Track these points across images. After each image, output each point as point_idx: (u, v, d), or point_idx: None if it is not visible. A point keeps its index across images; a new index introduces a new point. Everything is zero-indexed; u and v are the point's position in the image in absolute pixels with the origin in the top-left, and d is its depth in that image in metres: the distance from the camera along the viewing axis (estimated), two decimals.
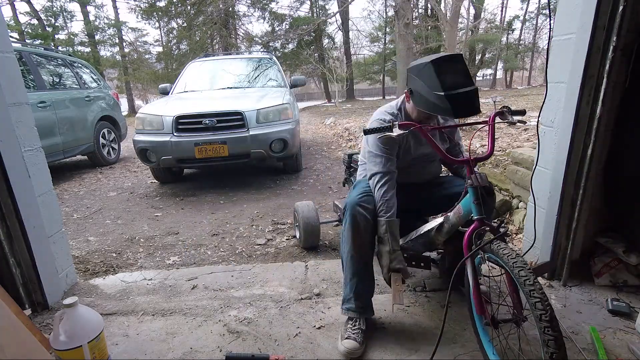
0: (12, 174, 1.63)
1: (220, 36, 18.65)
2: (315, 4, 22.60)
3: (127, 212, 3.46)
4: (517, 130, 4.28)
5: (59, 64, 5.24)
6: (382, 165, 1.52)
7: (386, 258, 1.43)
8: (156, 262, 2.38)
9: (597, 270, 1.80)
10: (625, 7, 1.44)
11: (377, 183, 1.50)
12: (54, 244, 1.88)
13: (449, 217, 1.41)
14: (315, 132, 8.79)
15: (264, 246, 2.57)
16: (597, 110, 1.57)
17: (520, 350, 1.32)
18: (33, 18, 19.94)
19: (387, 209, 1.46)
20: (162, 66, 21.77)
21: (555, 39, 1.70)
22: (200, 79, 5.11)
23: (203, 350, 1.48)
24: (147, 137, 3.75)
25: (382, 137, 1.46)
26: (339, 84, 19.21)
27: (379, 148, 1.54)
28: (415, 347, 1.45)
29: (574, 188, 1.71)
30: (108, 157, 5.77)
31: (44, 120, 4.34)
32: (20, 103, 1.72)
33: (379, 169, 1.52)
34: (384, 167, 1.52)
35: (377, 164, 1.53)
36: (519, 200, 2.60)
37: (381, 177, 1.50)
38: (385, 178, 1.50)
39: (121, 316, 1.74)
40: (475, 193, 1.24)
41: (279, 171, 4.71)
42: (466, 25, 21.16)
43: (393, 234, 1.44)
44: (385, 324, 1.60)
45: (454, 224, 1.40)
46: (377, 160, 1.53)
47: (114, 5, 22.57)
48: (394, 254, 1.42)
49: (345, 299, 1.54)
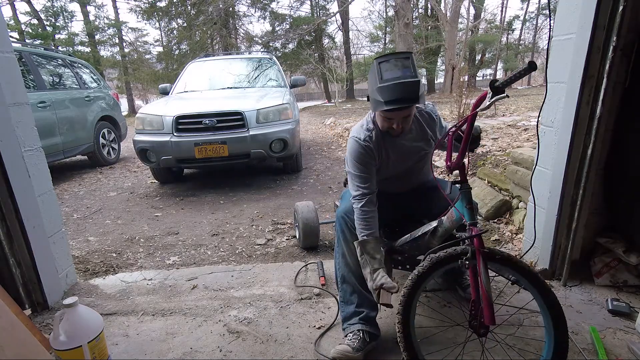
0: (12, 174, 1.63)
1: (220, 36, 18.66)
2: (315, 4, 22.59)
3: (127, 212, 3.46)
4: (517, 130, 4.28)
5: (59, 64, 5.23)
6: (360, 184, 1.49)
7: (369, 280, 1.39)
8: (156, 262, 2.38)
9: (597, 270, 1.80)
10: (625, 7, 1.44)
11: (356, 204, 1.48)
12: (54, 244, 1.88)
13: (443, 222, 1.40)
14: (315, 132, 8.78)
15: (264, 246, 2.57)
16: (597, 110, 1.57)
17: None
18: (33, 18, 19.94)
19: (362, 229, 1.44)
20: (162, 66, 21.76)
21: (555, 39, 1.70)
22: (200, 79, 5.12)
23: (203, 350, 1.48)
24: (147, 137, 3.75)
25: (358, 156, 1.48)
26: (339, 84, 19.23)
27: (356, 167, 1.51)
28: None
29: (574, 188, 1.71)
30: (108, 157, 5.77)
31: (44, 120, 4.34)
32: (20, 103, 1.72)
33: (358, 189, 1.49)
34: (362, 187, 1.48)
35: (357, 184, 1.50)
36: (519, 200, 2.60)
37: (361, 197, 1.47)
38: (365, 199, 1.46)
39: (121, 316, 1.74)
40: (467, 197, 1.24)
41: (279, 171, 4.71)
42: (466, 25, 21.19)
43: (369, 254, 1.40)
44: (385, 325, 1.59)
45: (448, 229, 1.38)
46: (355, 181, 1.51)
47: (114, 5, 22.59)
48: (375, 274, 1.37)
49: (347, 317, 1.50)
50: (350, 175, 1.54)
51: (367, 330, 1.44)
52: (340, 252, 1.57)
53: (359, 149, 1.48)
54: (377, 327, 1.49)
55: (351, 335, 1.42)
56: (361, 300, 1.49)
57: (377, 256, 1.40)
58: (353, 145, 1.51)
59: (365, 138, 1.49)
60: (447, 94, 14.03)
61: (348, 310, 1.50)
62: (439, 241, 1.45)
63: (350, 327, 1.46)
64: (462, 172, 1.27)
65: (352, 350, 1.36)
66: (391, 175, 1.62)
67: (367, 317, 1.47)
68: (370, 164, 1.51)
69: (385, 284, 1.32)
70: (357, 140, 1.49)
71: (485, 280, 1.13)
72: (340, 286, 1.57)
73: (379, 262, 1.40)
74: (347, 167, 1.56)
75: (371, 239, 1.43)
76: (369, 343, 1.42)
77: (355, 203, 1.48)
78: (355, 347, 1.38)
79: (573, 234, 1.75)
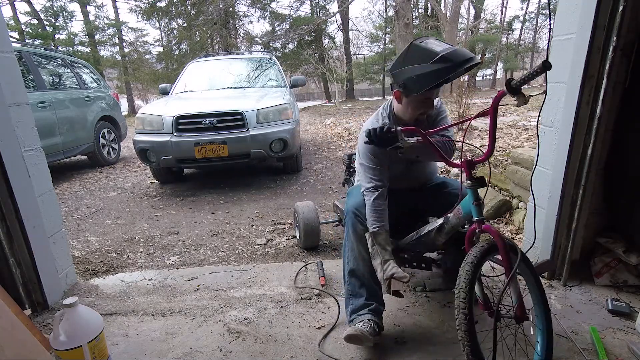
0: (12, 174, 1.63)
1: (220, 36, 18.66)
2: (315, 4, 22.59)
3: (127, 212, 3.46)
4: (517, 130, 4.28)
5: (59, 64, 5.24)
6: (373, 177, 1.51)
7: (380, 271, 1.41)
8: (156, 262, 2.38)
9: (597, 270, 1.80)
10: (625, 7, 1.43)
11: (368, 196, 1.49)
12: (54, 244, 1.88)
13: (449, 219, 1.41)
14: (315, 132, 8.78)
15: (264, 246, 2.57)
16: (597, 110, 1.57)
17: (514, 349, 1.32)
18: (33, 18, 19.95)
19: (374, 220, 1.46)
20: (162, 66, 21.78)
21: (555, 39, 1.70)
22: (200, 79, 5.12)
23: (203, 350, 1.48)
24: (147, 137, 3.75)
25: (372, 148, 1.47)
26: (339, 84, 19.24)
27: (369, 160, 1.52)
28: (415, 347, 1.45)
29: (574, 188, 1.71)
30: (108, 157, 5.78)
31: (44, 120, 4.34)
32: (20, 103, 1.72)
33: (371, 181, 1.51)
34: (375, 180, 1.50)
35: (369, 177, 1.52)
36: (519, 200, 2.61)
37: (374, 189, 1.49)
38: (378, 192, 1.48)
39: (121, 316, 1.74)
40: (474, 194, 1.24)
41: (279, 171, 4.71)
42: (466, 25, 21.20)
43: (381, 245, 1.43)
44: (385, 325, 1.59)
45: (455, 225, 1.39)
46: (368, 173, 1.52)
47: (114, 5, 22.60)
48: (386, 264, 1.40)
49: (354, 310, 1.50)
50: (363, 167, 1.55)
51: (376, 321, 1.45)
52: (349, 246, 1.57)
53: None
54: (382, 321, 1.50)
55: (362, 324, 1.41)
56: (370, 293, 1.50)
57: (388, 248, 1.43)
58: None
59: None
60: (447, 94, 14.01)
61: (357, 302, 1.50)
62: (444, 238, 1.47)
63: (359, 317, 1.46)
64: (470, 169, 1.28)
65: (367, 333, 1.37)
66: (402, 170, 1.64)
67: (376, 309, 1.48)
68: (384, 157, 1.52)
69: (397, 273, 1.35)
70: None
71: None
72: (349, 280, 1.56)
73: (390, 254, 1.42)
74: (360, 159, 1.57)
75: (383, 231, 1.45)
76: (377, 333, 1.42)
77: (368, 195, 1.49)
78: (368, 331, 1.38)
79: (573, 234, 1.75)
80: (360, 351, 1.44)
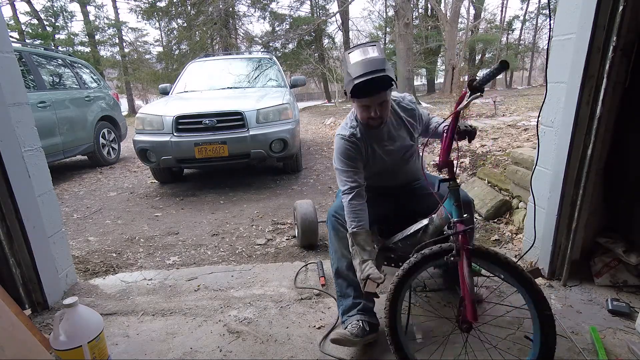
0: (12, 174, 1.63)
1: (220, 36, 18.64)
2: (315, 4, 22.59)
3: (127, 212, 3.46)
4: (517, 130, 4.28)
5: (59, 64, 5.23)
6: (347, 179, 1.53)
7: (358, 271, 1.42)
8: (156, 262, 2.38)
9: (597, 270, 1.80)
10: (625, 7, 1.44)
11: (345, 198, 1.51)
12: (54, 244, 1.88)
13: (433, 219, 1.41)
14: (315, 132, 8.78)
15: (264, 246, 2.57)
16: (597, 110, 1.57)
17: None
18: (33, 18, 19.93)
19: (352, 221, 1.48)
20: (162, 66, 21.75)
21: (555, 39, 1.70)
22: (200, 79, 5.11)
23: (203, 350, 1.49)
24: (147, 137, 3.75)
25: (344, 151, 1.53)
26: (339, 84, 19.20)
27: (343, 163, 1.55)
28: (415, 347, 1.45)
29: (574, 188, 1.71)
30: (108, 157, 5.77)
31: (44, 120, 4.34)
32: (20, 103, 1.72)
33: (345, 184, 1.53)
34: (349, 181, 1.52)
35: (344, 179, 1.54)
36: (519, 200, 2.61)
37: (349, 190, 1.51)
38: (353, 192, 1.50)
39: (121, 316, 1.74)
40: (455, 195, 1.24)
41: (279, 171, 4.71)
42: (466, 25, 21.20)
43: (360, 245, 1.44)
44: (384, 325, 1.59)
45: (438, 226, 1.40)
46: (343, 176, 1.55)
47: (114, 5, 22.57)
48: (364, 265, 1.41)
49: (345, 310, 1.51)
50: (338, 172, 1.58)
51: (366, 320, 1.45)
52: (333, 248, 1.60)
53: (344, 145, 1.54)
54: (375, 317, 1.51)
55: (350, 326, 1.43)
56: (358, 292, 1.51)
57: (367, 248, 1.44)
58: (338, 142, 1.57)
59: (349, 134, 1.56)
60: (447, 94, 14.03)
61: (346, 303, 1.51)
62: (430, 238, 1.46)
63: (349, 319, 1.48)
64: (451, 170, 1.28)
65: (350, 335, 1.38)
66: (380, 169, 1.66)
67: (365, 307, 1.49)
68: (356, 159, 1.56)
69: (372, 274, 1.36)
70: (342, 137, 1.56)
71: (467, 277, 1.15)
72: (336, 281, 1.58)
73: (369, 254, 1.43)
74: (335, 164, 1.60)
75: (362, 231, 1.46)
76: (368, 332, 1.43)
77: (344, 197, 1.51)
78: (354, 333, 1.40)
79: (573, 234, 1.75)
80: (360, 351, 1.44)
